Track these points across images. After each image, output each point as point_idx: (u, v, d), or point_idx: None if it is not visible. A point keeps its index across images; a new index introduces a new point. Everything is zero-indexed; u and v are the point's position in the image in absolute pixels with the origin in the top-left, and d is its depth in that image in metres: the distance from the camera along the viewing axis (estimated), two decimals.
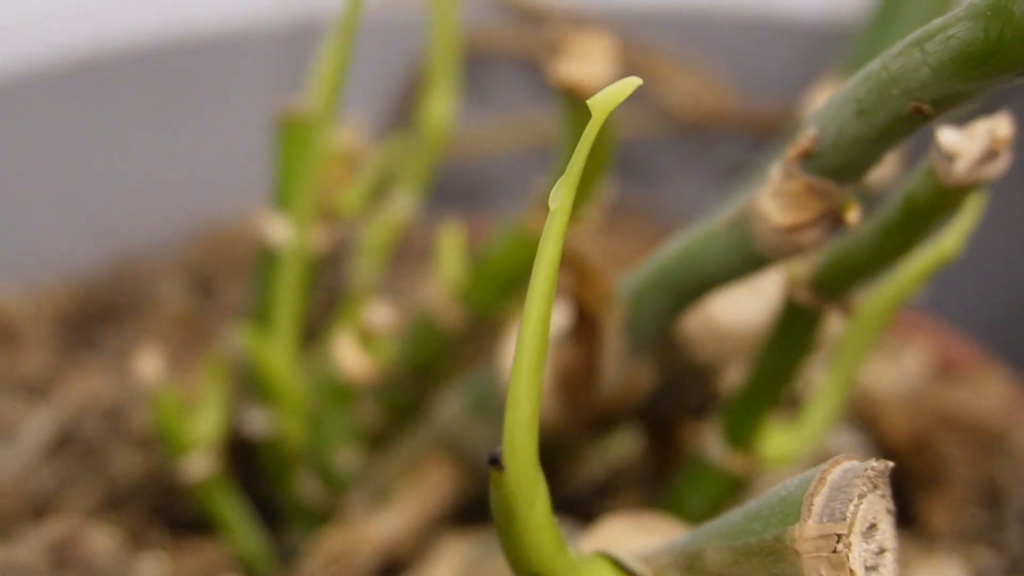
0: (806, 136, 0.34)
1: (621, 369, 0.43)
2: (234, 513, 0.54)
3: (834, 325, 0.44)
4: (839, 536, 0.29)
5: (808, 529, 0.29)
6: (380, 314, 0.49)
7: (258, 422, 0.55)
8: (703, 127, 0.75)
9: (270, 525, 0.56)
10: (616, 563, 0.34)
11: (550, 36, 0.45)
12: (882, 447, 0.54)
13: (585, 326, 0.43)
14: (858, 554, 0.29)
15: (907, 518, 0.54)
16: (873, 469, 0.30)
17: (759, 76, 0.72)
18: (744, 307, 0.45)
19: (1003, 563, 0.51)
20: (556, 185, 0.28)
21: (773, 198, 0.35)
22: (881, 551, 0.30)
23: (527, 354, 0.30)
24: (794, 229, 0.35)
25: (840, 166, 0.34)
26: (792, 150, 0.34)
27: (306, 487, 0.53)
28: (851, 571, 0.29)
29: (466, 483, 0.53)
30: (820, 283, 0.40)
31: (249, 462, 0.58)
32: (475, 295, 0.53)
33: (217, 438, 0.53)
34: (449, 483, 0.53)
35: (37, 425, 0.59)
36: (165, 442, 0.52)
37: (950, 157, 0.35)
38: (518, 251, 0.51)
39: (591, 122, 0.27)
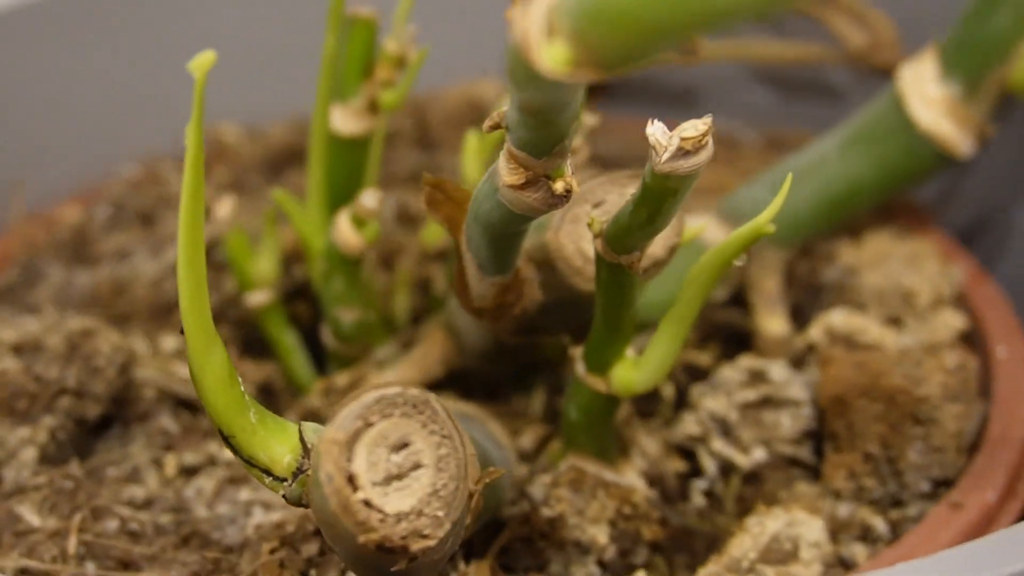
0: (498, 112, 0.39)
1: (479, 284, 0.49)
2: (284, 340, 0.65)
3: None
4: (343, 443, 0.35)
5: (327, 433, 0.36)
6: (369, 198, 0.56)
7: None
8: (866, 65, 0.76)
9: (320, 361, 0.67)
10: (299, 432, 0.41)
11: None
12: (817, 403, 0.56)
13: (456, 244, 0.49)
14: (363, 462, 0.35)
15: (819, 474, 0.56)
16: (403, 397, 0.35)
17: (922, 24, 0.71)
18: None
19: (891, 535, 0.53)
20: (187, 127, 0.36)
21: (503, 159, 0.40)
22: (416, 467, 0.36)
23: (184, 246, 0.38)
24: (515, 188, 0.40)
25: (524, 142, 0.38)
26: (486, 122, 0.39)
27: (326, 335, 0.63)
28: (350, 475, 0.35)
29: (455, 356, 0.61)
30: (607, 240, 0.44)
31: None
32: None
33: (271, 277, 0.63)
34: (444, 353, 0.61)
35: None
36: (236, 275, 0.64)
37: (654, 150, 0.39)
38: None
39: (196, 84, 0.35)
